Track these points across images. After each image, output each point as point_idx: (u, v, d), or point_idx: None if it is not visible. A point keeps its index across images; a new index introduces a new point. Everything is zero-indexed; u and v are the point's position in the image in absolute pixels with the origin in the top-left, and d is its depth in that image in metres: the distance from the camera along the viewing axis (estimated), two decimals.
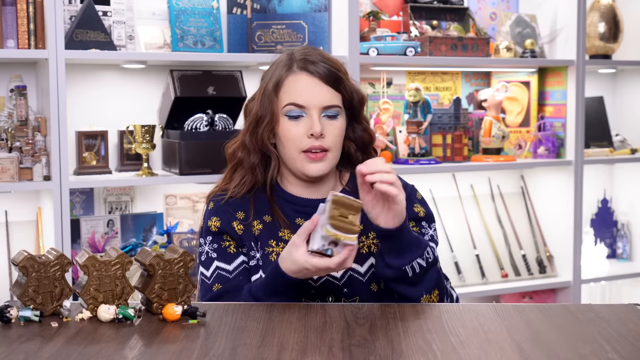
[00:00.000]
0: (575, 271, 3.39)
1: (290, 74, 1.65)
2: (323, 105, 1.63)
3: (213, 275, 1.64)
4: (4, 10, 2.56)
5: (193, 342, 1.23)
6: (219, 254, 1.66)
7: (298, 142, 1.63)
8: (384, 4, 3.30)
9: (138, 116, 2.93)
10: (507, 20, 3.42)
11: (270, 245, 1.65)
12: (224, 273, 1.64)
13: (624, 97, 3.82)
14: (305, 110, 1.63)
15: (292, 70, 1.65)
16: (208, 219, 1.68)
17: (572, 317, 1.38)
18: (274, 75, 1.67)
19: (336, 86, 1.65)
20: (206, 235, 1.68)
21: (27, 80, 2.76)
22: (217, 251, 1.66)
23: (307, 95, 1.63)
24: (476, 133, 3.36)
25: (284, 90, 1.65)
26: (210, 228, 1.67)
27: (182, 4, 2.86)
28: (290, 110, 1.63)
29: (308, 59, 1.65)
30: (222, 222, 1.67)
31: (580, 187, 3.36)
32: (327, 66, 1.64)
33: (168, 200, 3.02)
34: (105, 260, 1.38)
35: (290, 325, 1.32)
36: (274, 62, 1.71)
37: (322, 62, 1.64)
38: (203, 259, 1.67)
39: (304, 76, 1.64)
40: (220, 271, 1.64)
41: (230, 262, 1.65)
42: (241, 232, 1.66)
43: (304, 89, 1.63)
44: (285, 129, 1.64)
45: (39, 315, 1.35)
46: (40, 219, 2.80)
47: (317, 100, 1.63)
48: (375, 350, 1.19)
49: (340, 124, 1.66)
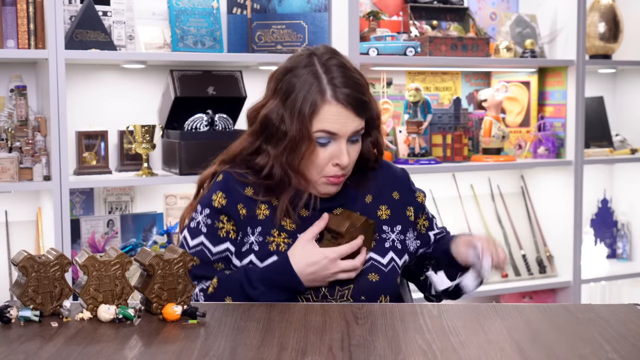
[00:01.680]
0: (575, 271, 3.39)
1: (325, 103, 1.61)
2: (352, 132, 1.63)
3: (195, 249, 1.66)
4: (4, 10, 2.56)
5: (193, 342, 1.23)
6: (208, 231, 1.66)
7: (322, 167, 1.64)
8: (384, 4, 3.30)
9: (138, 116, 2.93)
10: (507, 20, 3.42)
11: (272, 235, 1.66)
12: (207, 252, 1.66)
13: (624, 97, 3.82)
14: (335, 137, 1.62)
15: (326, 99, 1.60)
16: (214, 192, 1.68)
17: (572, 317, 1.38)
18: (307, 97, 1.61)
19: (363, 112, 1.65)
20: (205, 206, 1.68)
21: (27, 80, 2.76)
22: (208, 228, 1.66)
23: (339, 125, 1.61)
24: (476, 133, 3.36)
25: (318, 118, 1.62)
26: (212, 202, 1.67)
27: (182, 4, 2.86)
28: (321, 136, 1.62)
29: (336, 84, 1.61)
30: (227, 201, 1.67)
31: (580, 187, 3.36)
32: (355, 93, 1.62)
33: (168, 200, 3.02)
34: (105, 260, 1.38)
35: (290, 325, 1.32)
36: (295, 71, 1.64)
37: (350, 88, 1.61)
38: (192, 225, 1.68)
39: (338, 107, 1.61)
40: (203, 247, 1.66)
41: (216, 244, 1.66)
42: (243, 216, 1.67)
43: (337, 119, 1.61)
44: (312, 153, 1.63)
45: (39, 315, 1.35)
46: (40, 219, 2.80)
47: (348, 129, 1.62)
48: (375, 350, 1.19)
49: (359, 146, 1.68)
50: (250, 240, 1.66)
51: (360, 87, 1.65)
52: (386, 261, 1.69)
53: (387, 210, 1.74)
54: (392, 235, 1.73)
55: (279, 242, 1.65)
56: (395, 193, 1.77)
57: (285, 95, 1.63)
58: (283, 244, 1.65)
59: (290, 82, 1.64)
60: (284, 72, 1.66)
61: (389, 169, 1.81)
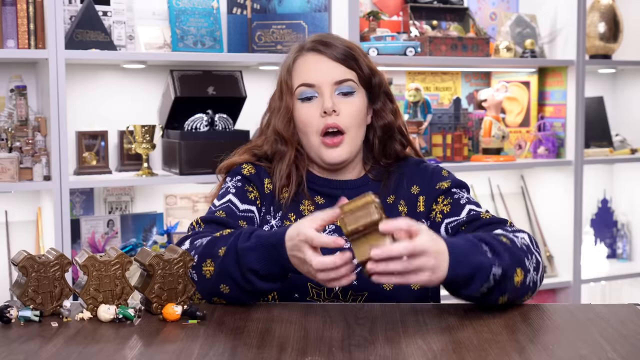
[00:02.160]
0: (575, 271, 3.39)
1: (300, 56, 1.62)
2: (334, 80, 1.58)
3: (222, 205, 1.60)
4: (4, 10, 2.56)
5: (193, 342, 1.23)
6: (237, 191, 1.63)
7: (312, 124, 1.59)
8: (384, 4, 3.30)
9: (138, 116, 2.93)
10: (507, 20, 3.42)
11: (290, 220, 1.63)
12: (234, 208, 1.60)
13: (624, 97, 3.82)
14: (317, 89, 1.58)
15: (302, 53, 1.62)
16: (242, 167, 1.66)
17: (572, 317, 1.38)
18: (286, 62, 1.64)
19: (348, 63, 1.59)
20: (235, 175, 1.66)
21: (27, 80, 2.76)
22: (238, 189, 1.63)
23: (316, 72, 1.58)
24: (476, 133, 3.36)
25: (295, 74, 1.61)
26: (242, 171, 1.65)
27: (182, 4, 2.86)
28: (302, 92, 1.59)
29: (319, 40, 1.62)
30: (256, 172, 1.65)
31: (580, 187, 3.36)
32: (339, 46, 1.59)
33: (168, 200, 3.02)
34: (104, 260, 1.38)
35: (290, 325, 1.32)
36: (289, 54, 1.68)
37: (333, 42, 1.60)
38: (220, 192, 1.65)
39: (313, 55, 1.60)
40: (230, 204, 1.60)
41: (243, 202, 1.61)
42: (268, 191, 1.64)
43: (313, 67, 1.59)
44: (298, 112, 1.60)
45: (39, 315, 1.35)
46: (40, 219, 2.80)
47: (328, 76, 1.58)
48: (375, 350, 1.19)
49: (357, 102, 1.60)
50: (272, 222, 1.64)
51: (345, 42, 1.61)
52: None
53: (405, 207, 1.65)
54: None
55: None
56: (415, 187, 1.66)
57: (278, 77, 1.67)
58: None
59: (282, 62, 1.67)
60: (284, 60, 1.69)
61: (417, 164, 1.71)
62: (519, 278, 1.37)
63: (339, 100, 1.59)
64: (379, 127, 1.67)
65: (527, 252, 1.41)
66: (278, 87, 1.66)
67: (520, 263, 1.38)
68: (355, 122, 1.60)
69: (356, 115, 1.60)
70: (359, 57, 1.62)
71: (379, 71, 1.66)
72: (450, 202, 1.61)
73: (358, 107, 1.61)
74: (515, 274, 1.36)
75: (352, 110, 1.60)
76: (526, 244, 1.43)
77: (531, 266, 1.40)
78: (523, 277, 1.38)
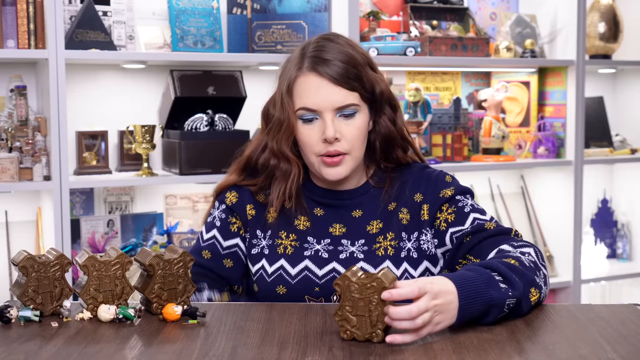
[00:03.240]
0: (575, 271, 3.39)
1: (300, 74, 1.55)
2: (335, 107, 1.54)
3: (208, 242, 1.67)
4: (4, 10, 2.56)
5: (193, 342, 1.23)
6: (221, 225, 1.67)
7: (313, 146, 1.56)
8: (384, 4, 3.30)
9: (138, 116, 2.93)
10: (507, 20, 3.42)
11: (280, 237, 1.63)
12: (218, 246, 1.66)
13: (624, 97, 3.82)
14: (318, 113, 1.55)
15: (302, 70, 1.55)
16: (228, 191, 1.68)
17: (572, 317, 1.37)
18: (286, 75, 1.58)
19: (350, 84, 1.54)
20: (221, 204, 1.69)
21: (27, 80, 2.76)
22: (222, 222, 1.67)
23: (317, 98, 1.53)
24: (476, 133, 3.36)
25: (295, 93, 1.56)
26: (225, 200, 1.68)
27: (182, 4, 2.86)
28: (303, 114, 1.55)
29: (319, 56, 1.54)
30: (238, 199, 1.67)
31: (580, 187, 3.36)
32: (339, 64, 1.53)
33: (168, 200, 3.02)
34: (105, 261, 1.38)
35: (290, 325, 1.32)
36: (289, 57, 1.62)
37: (334, 60, 1.53)
38: (209, 220, 1.70)
39: (313, 77, 1.54)
40: (215, 242, 1.66)
41: (227, 238, 1.66)
42: (251, 216, 1.66)
43: (314, 91, 1.54)
44: (300, 133, 1.57)
45: (39, 315, 1.35)
46: (40, 219, 2.80)
47: (328, 102, 1.53)
48: (375, 350, 1.19)
49: (359, 123, 1.56)
50: (262, 244, 1.65)
51: (347, 58, 1.54)
52: (399, 273, 1.58)
53: (407, 214, 1.62)
54: (409, 244, 1.61)
55: (287, 245, 1.62)
56: (418, 195, 1.63)
57: (278, 81, 1.62)
58: (290, 246, 1.62)
59: (283, 66, 1.62)
60: (285, 61, 1.63)
61: (421, 170, 1.67)
62: (534, 297, 1.37)
63: (340, 123, 1.55)
64: (380, 134, 1.64)
65: (535, 270, 1.40)
66: (278, 99, 1.59)
67: (533, 283, 1.38)
68: (357, 141, 1.57)
69: (358, 136, 1.57)
70: (360, 72, 1.56)
71: (380, 79, 1.61)
72: (454, 210, 1.59)
73: (360, 127, 1.57)
74: (530, 294, 1.36)
75: (354, 132, 1.56)
76: (533, 261, 1.43)
77: (542, 282, 1.41)
78: (538, 295, 1.38)
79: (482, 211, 1.61)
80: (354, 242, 1.61)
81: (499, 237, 1.54)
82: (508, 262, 1.37)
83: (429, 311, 1.21)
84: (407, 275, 1.59)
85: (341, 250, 1.61)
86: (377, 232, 1.62)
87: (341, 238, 1.62)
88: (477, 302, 1.27)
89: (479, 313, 1.28)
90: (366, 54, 1.61)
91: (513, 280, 1.33)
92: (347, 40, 1.60)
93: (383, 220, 1.62)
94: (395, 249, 1.60)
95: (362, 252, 1.60)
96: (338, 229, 1.63)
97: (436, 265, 1.63)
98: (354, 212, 1.64)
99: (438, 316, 1.23)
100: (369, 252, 1.60)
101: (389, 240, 1.61)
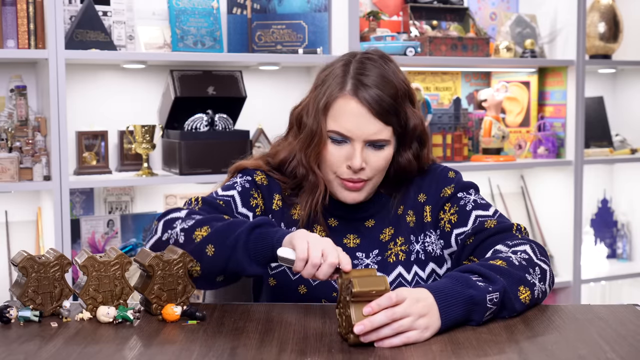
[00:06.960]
0: (575, 271, 3.39)
1: (341, 96, 1.52)
2: (368, 138, 1.52)
3: (224, 197, 1.58)
4: (4, 10, 2.56)
5: (193, 343, 1.23)
6: (242, 191, 1.60)
7: (336, 167, 1.55)
8: (384, 4, 3.30)
9: (138, 116, 2.93)
10: (507, 20, 3.42)
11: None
12: (233, 206, 1.58)
13: (624, 97, 3.82)
14: (349, 139, 1.53)
15: (343, 92, 1.52)
16: (255, 172, 1.62)
17: (571, 318, 1.38)
18: (326, 88, 1.55)
19: (386, 118, 1.52)
20: (246, 175, 1.62)
21: (27, 80, 2.76)
22: (243, 189, 1.60)
23: (352, 125, 1.51)
24: (476, 133, 3.36)
25: (331, 114, 1.53)
26: (254, 176, 1.62)
27: (182, 4, 2.86)
28: (334, 136, 1.53)
29: (362, 80, 1.51)
30: (268, 184, 1.62)
31: (580, 187, 3.36)
32: (380, 93, 1.50)
33: (168, 200, 3.02)
34: (104, 261, 1.38)
35: (289, 326, 1.32)
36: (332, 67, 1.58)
37: (376, 87, 1.50)
38: (227, 184, 1.62)
39: (353, 103, 1.51)
40: (232, 201, 1.58)
41: (244, 206, 1.59)
42: (278, 208, 1.62)
43: (351, 118, 1.51)
44: (327, 151, 1.55)
45: (39, 316, 1.36)
46: (40, 219, 2.80)
47: (362, 132, 1.51)
48: (375, 351, 1.19)
49: (386, 154, 1.55)
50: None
51: (389, 89, 1.52)
52: (410, 277, 1.59)
53: (413, 216, 1.63)
54: (417, 246, 1.61)
55: None
56: (422, 195, 1.63)
57: (316, 89, 1.59)
58: None
59: (324, 76, 1.58)
60: (323, 69, 1.60)
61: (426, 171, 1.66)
62: (525, 295, 1.37)
63: (368, 152, 1.53)
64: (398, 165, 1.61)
65: (527, 267, 1.40)
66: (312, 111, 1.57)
67: (522, 281, 1.37)
68: (380, 171, 1.56)
69: (382, 166, 1.56)
70: (398, 105, 1.53)
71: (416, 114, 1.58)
72: (456, 210, 1.59)
73: (386, 158, 1.56)
74: (519, 292, 1.36)
75: (380, 162, 1.55)
76: (526, 258, 1.42)
77: (535, 279, 1.40)
78: (530, 293, 1.38)
79: (485, 206, 1.60)
80: (369, 253, 1.61)
81: (499, 235, 1.53)
82: (491, 263, 1.38)
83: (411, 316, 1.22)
84: (417, 279, 1.59)
85: (356, 263, 1.60)
86: (389, 239, 1.62)
87: (356, 250, 1.61)
88: (457, 301, 1.28)
89: (463, 312, 1.29)
90: (408, 85, 1.58)
91: (493, 277, 1.33)
92: (394, 67, 1.57)
93: (394, 226, 1.62)
94: (405, 253, 1.60)
95: (377, 263, 1.60)
96: (352, 239, 1.62)
97: (442, 267, 1.63)
98: (367, 222, 1.63)
99: (422, 320, 1.24)
100: (382, 261, 1.60)
101: (399, 245, 1.61)
